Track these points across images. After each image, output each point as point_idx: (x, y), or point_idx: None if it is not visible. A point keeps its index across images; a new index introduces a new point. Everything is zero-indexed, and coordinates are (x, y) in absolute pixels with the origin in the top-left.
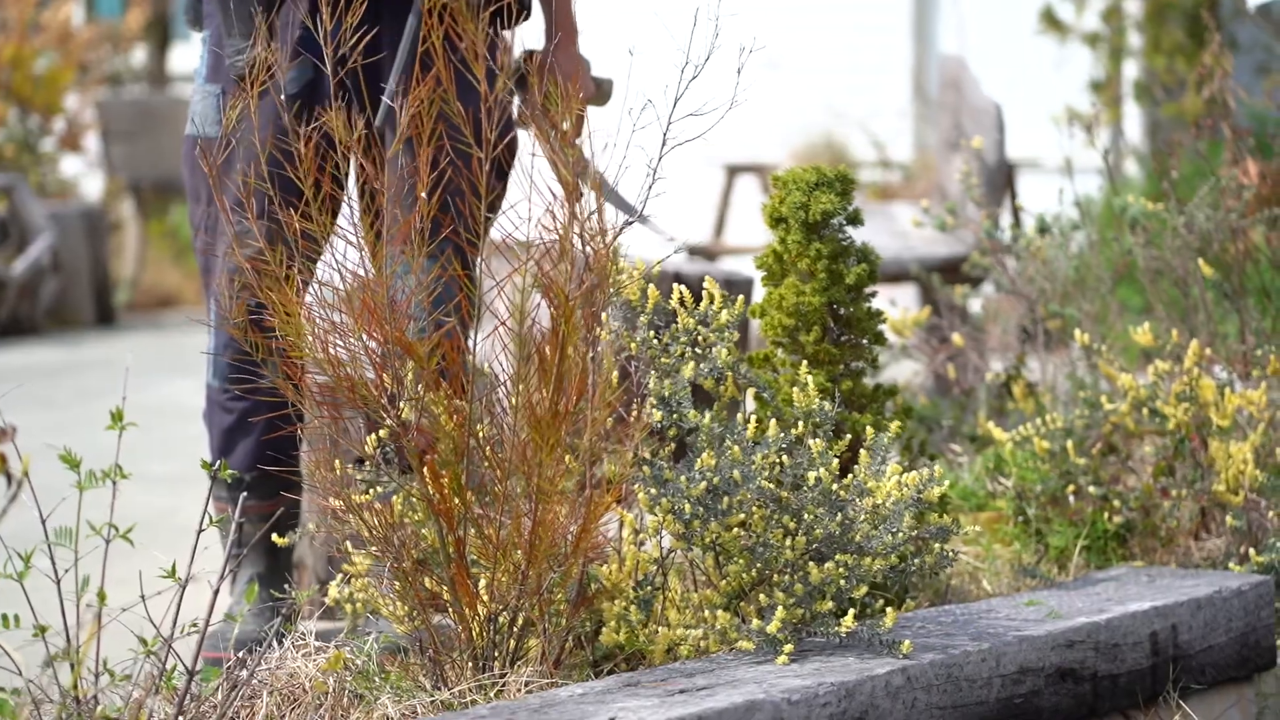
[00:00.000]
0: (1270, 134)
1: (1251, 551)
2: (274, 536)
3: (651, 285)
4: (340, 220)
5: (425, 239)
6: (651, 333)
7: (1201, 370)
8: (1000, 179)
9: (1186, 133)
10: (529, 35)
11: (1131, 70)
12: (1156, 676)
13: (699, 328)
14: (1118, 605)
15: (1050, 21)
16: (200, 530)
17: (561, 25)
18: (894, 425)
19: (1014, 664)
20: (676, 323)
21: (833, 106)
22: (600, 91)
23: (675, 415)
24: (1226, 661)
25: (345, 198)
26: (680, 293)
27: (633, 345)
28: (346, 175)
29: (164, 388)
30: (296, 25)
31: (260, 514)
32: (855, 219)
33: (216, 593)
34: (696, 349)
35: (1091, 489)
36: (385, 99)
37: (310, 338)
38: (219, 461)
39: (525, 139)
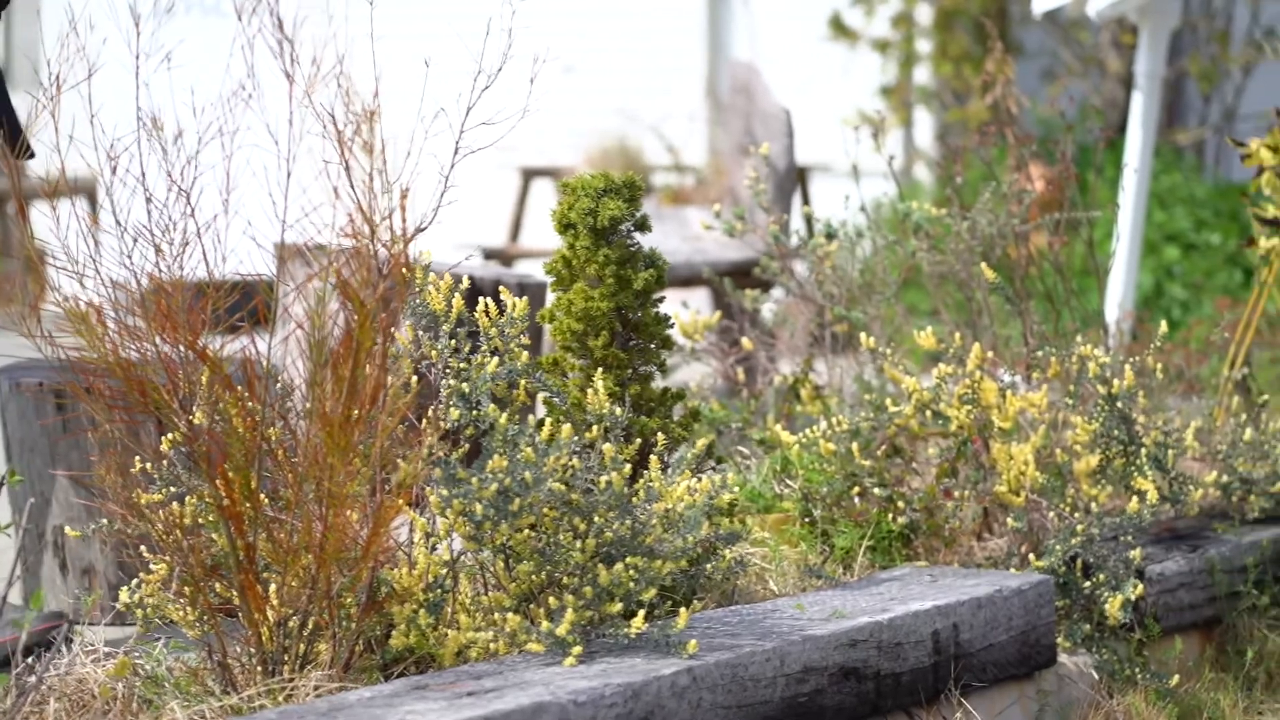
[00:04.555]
0: (1055, 139)
1: (1032, 556)
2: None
3: (457, 296)
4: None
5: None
6: (452, 341)
7: (984, 373)
8: (790, 184)
9: (972, 139)
10: None
11: (922, 76)
12: (938, 675)
13: (497, 335)
14: (900, 605)
15: (839, 28)
16: None
17: None
18: (700, 443)
19: (798, 663)
20: (465, 326)
21: (627, 110)
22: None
23: (475, 413)
24: (1007, 659)
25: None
26: (485, 303)
27: (434, 353)
28: None
29: None
30: None
31: None
32: (643, 225)
33: (4, 599)
34: (496, 354)
35: (876, 490)
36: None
37: (102, 342)
38: None
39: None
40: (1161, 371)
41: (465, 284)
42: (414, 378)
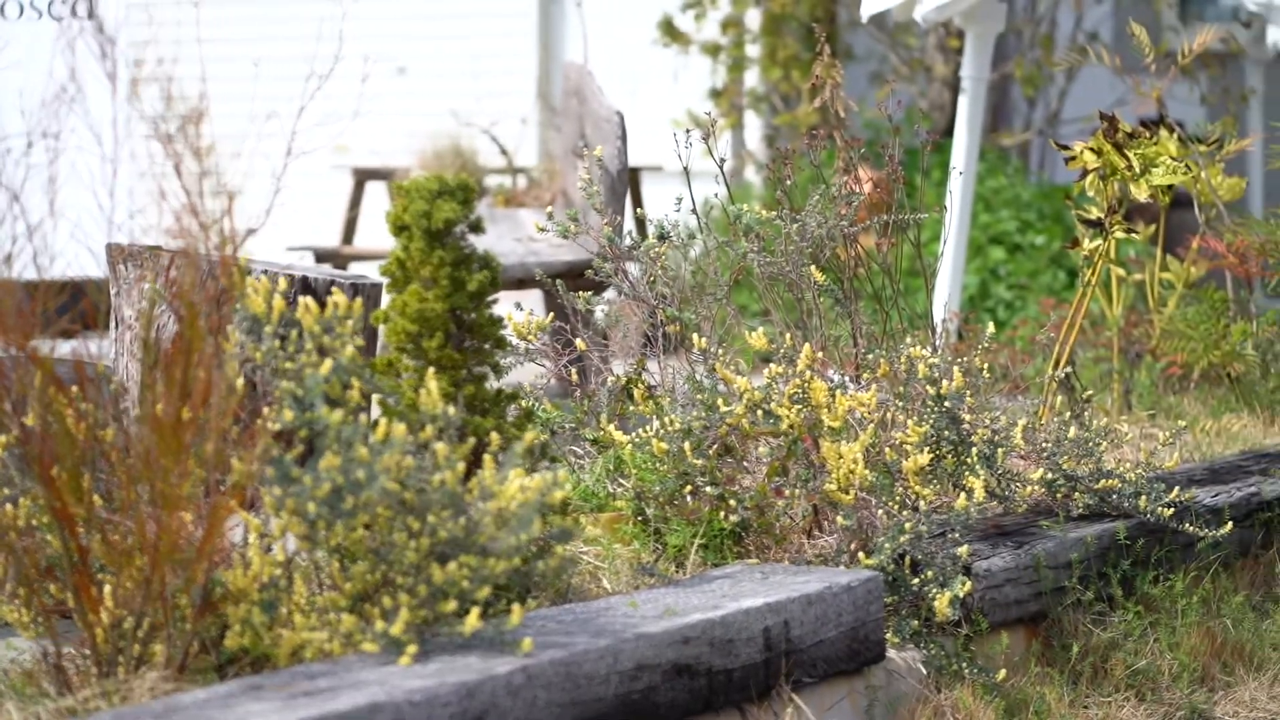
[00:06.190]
0: (883, 142)
1: (861, 554)
2: None
3: (278, 297)
4: None
5: None
6: (278, 342)
7: (814, 373)
8: (622, 186)
9: (801, 141)
10: None
11: (752, 79)
12: (770, 670)
13: (323, 334)
14: (732, 602)
15: (670, 31)
16: None
17: None
18: (527, 436)
19: (631, 661)
20: (300, 329)
21: (460, 112)
22: None
23: (308, 415)
24: (837, 655)
25: None
26: (306, 303)
27: (259, 355)
28: None
29: None
30: None
31: None
32: (477, 227)
33: None
34: (323, 354)
35: (708, 489)
36: None
37: None
38: None
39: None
40: (988, 371)
41: (285, 285)
42: (240, 380)
